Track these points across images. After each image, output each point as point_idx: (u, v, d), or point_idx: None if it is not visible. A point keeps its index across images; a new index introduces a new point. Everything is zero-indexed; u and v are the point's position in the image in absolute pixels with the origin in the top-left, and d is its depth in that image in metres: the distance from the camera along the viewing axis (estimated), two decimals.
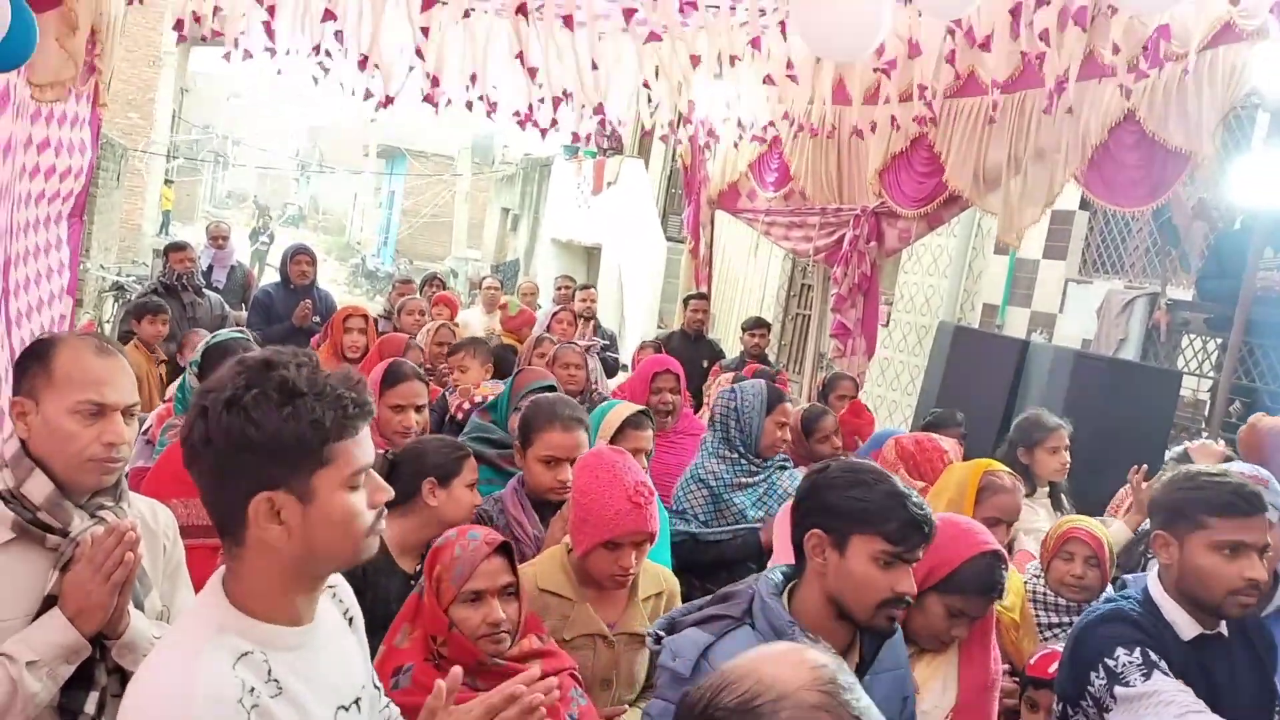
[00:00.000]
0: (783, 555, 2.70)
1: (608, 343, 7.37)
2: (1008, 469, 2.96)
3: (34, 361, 1.78)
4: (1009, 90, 5.23)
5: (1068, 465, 3.71)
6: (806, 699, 1.08)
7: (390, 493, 1.41)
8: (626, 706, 2.37)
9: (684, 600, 3.25)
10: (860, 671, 1.88)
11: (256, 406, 1.27)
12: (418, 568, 2.46)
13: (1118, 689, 2.07)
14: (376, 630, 2.24)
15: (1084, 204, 6.87)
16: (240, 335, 3.40)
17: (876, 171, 6.32)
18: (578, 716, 2.04)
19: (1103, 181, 4.94)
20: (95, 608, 1.69)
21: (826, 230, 7.30)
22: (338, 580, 1.53)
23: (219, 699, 1.23)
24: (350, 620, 1.57)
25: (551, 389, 3.69)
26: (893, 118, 5.82)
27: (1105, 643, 2.14)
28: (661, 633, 1.91)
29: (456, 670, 1.53)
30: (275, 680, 1.31)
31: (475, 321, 8.22)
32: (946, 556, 2.13)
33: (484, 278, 10.17)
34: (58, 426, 1.73)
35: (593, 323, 7.68)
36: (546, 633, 2.20)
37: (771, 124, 6.71)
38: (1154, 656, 2.08)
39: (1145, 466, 3.50)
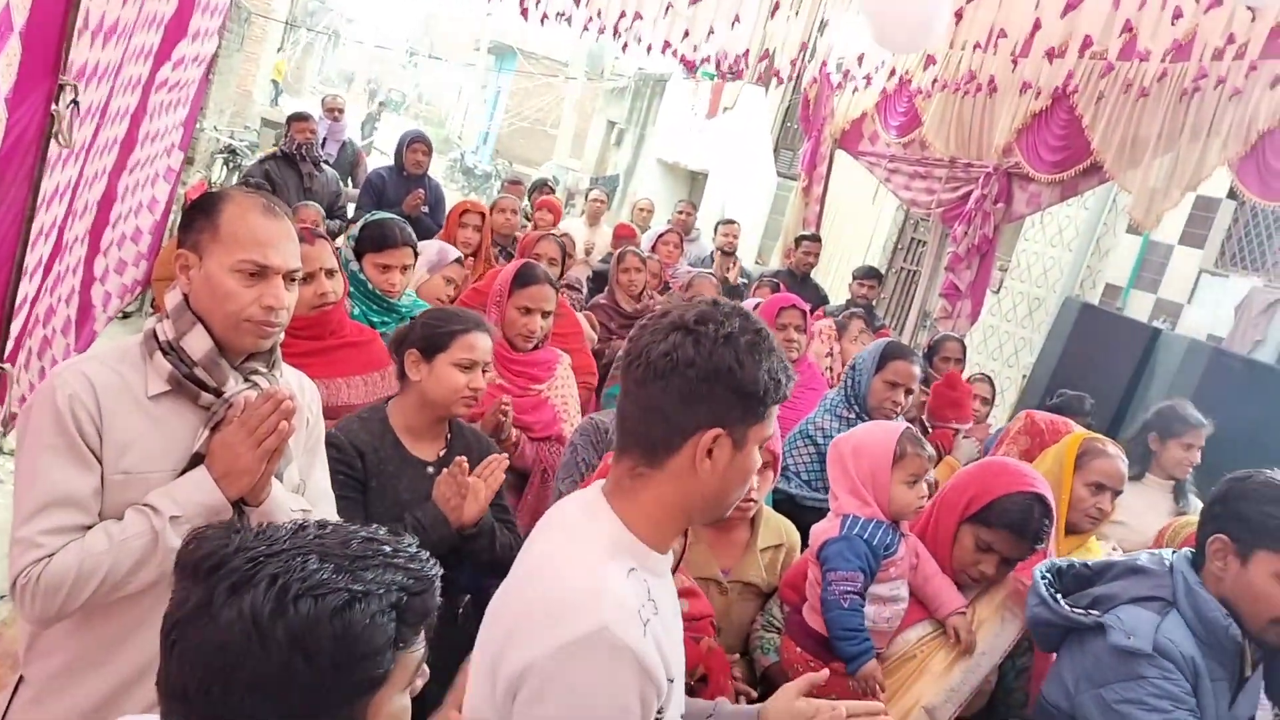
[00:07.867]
0: None
1: (746, 282, 7.21)
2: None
3: (200, 215, 1.73)
4: (1178, 58, 4.91)
5: (1195, 464, 3.60)
6: None
7: (758, 463, 1.42)
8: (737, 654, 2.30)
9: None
10: (1243, 678, 1.94)
11: (748, 350, 1.33)
12: (440, 453, 2.36)
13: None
14: (388, 519, 2.19)
15: (1231, 193, 6.48)
16: (395, 218, 3.33)
17: (1015, 129, 6.03)
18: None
19: (1257, 171, 4.62)
20: (243, 471, 1.67)
21: (953, 185, 7.02)
22: None
23: (623, 605, 1.25)
24: None
25: None
26: (1025, 83, 5.49)
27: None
28: (1094, 612, 1.97)
29: None
30: (653, 601, 1.33)
31: (577, 233, 8.12)
32: (986, 489, 2.23)
33: (590, 190, 10.03)
34: (219, 284, 1.70)
35: (735, 259, 7.48)
36: (688, 574, 2.12)
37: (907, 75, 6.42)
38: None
39: None
